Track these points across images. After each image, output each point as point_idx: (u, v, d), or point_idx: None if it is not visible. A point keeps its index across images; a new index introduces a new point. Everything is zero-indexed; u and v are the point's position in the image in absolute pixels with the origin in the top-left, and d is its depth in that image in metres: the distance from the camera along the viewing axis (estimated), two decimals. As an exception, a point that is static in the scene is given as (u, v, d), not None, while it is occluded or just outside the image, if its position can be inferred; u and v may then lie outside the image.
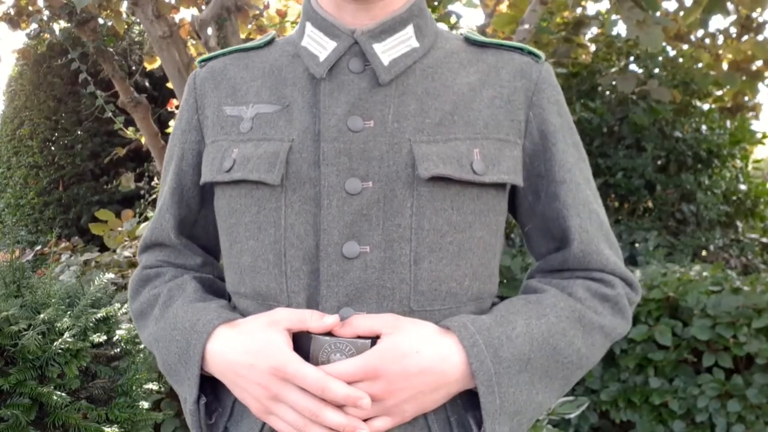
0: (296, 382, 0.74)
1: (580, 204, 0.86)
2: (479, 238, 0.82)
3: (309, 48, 0.85)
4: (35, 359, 1.66)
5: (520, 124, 0.85)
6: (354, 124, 0.80)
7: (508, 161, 0.82)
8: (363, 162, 0.79)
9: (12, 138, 6.35)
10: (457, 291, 0.81)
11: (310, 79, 0.84)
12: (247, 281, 0.83)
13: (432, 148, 0.79)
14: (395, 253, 0.79)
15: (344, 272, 0.78)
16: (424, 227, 0.79)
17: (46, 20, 3.70)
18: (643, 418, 2.71)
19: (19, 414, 1.57)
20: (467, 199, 0.80)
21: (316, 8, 0.87)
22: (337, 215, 0.79)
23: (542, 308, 0.81)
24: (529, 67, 0.87)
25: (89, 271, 3.00)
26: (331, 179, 0.79)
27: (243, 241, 0.83)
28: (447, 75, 0.85)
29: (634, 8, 2.94)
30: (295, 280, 0.80)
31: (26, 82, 6.22)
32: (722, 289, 2.79)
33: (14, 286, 1.85)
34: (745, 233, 4.92)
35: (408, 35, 0.84)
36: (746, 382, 2.63)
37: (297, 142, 0.81)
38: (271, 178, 0.79)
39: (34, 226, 6.08)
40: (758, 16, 4.25)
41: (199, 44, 3.35)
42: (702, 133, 4.60)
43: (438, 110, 0.82)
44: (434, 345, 0.75)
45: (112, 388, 1.81)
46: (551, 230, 0.88)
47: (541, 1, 3.06)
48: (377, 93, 0.81)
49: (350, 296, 0.79)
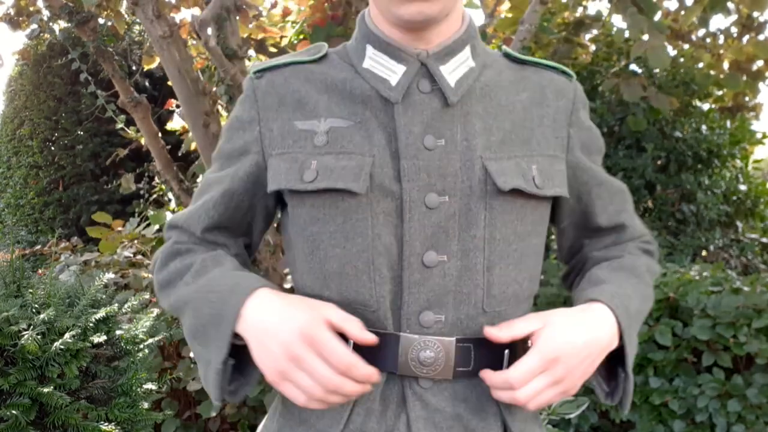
0: (324, 350, 0.77)
1: (615, 194, 1.01)
2: (535, 245, 0.92)
3: (374, 71, 0.90)
4: (35, 359, 1.66)
5: (563, 141, 0.94)
6: (429, 143, 0.86)
7: (559, 176, 0.92)
8: (440, 178, 0.86)
9: (12, 138, 6.34)
10: (519, 292, 0.90)
11: (381, 99, 0.89)
12: (333, 286, 0.88)
13: (501, 164, 0.87)
14: (470, 262, 0.86)
15: (425, 279, 0.85)
16: (495, 237, 0.87)
17: (46, 20, 3.70)
18: (643, 418, 2.71)
19: (18, 414, 1.57)
20: (528, 211, 0.89)
21: (376, 32, 0.91)
22: (418, 228, 0.85)
23: (627, 270, 0.96)
24: (567, 87, 0.97)
25: (89, 271, 3.00)
26: (413, 194, 0.85)
27: (328, 248, 0.87)
28: (501, 94, 0.92)
29: (636, 13, 2.94)
30: (382, 286, 0.86)
31: (26, 82, 6.22)
32: (722, 289, 2.79)
33: (14, 286, 1.85)
34: (745, 233, 4.92)
35: (466, 56, 0.91)
36: (746, 382, 2.63)
37: (378, 157, 0.86)
38: (358, 186, 0.84)
39: (34, 226, 6.08)
40: (759, 15, 4.24)
41: (199, 44, 3.35)
42: (702, 133, 4.60)
43: (500, 129, 0.89)
44: (586, 320, 0.85)
45: (112, 388, 1.81)
46: (587, 223, 1.01)
47: (541, 1, 3.06)
48: (446, 113, 0.88)
49: (430, 301, 0.86)
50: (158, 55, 2.95)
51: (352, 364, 0.78)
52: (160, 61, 3.12)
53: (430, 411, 0.86)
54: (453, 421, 0.87)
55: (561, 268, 3.46)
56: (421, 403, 0.86)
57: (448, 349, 0.85)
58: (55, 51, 5.87)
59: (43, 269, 3.31)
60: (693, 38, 4.62)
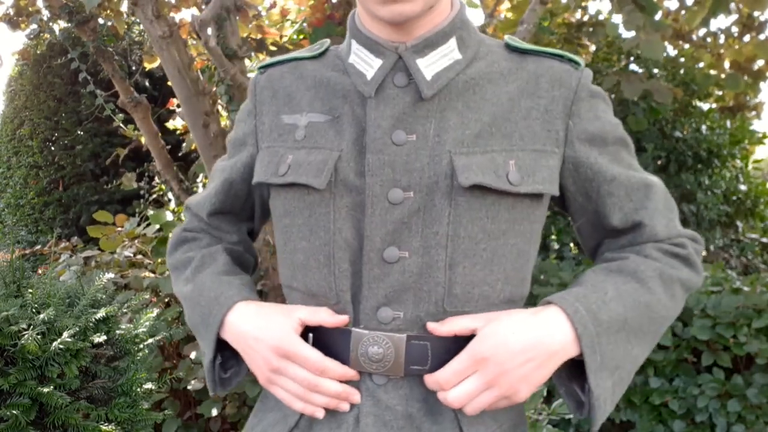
0: (296, 360, 0.85)
1: (635, 191, 0.91)
2: (513, 245, 0.87)
3: (356, 65, 0.90)
4: (35, 359, 1.66)
5: (558, 134, 0.88)
6: (398, 138, 0.85)
7: (543, 171, 0.86)
8: (405, 173, 0.84)
9: (12, 138, 6.34)
10: (489, 294, 0.86)
11: (359, 93, 0.89)
12: (300, 278, 0.91)
13: (471, 159, 0.84)
14: (432, 259, 0.84)
15: (384, 275, 0.85)
16: (459, 235, 0.84)
17: (46, 20, 3.70)
18: (643, 418, 2.71)
19: (18, 414, 1.57)
20: (502, 209, 0.85)
21: (360, 27, 0.91)
22: (379, 223, 0.85)
23: (625, 272, 0.87)
24: (569, 75, 0.89)
25: (89, 270, 3.00)
26: (375, 189, 0.85)
27: (296, 240, 0.90)
28: (487, 87, 0.88)
29: (634, 11, 2.93)
30: (342, 279, 0.86)
31: (26, 82, 6.22)
32: (722, 289, 2.79)
33: (14, 286, 1.85)
34: (745, 233, 4.92)
35: (451, 48, 0.88)
36: (746, 382, 2.63)
37: (345, 152, 0.87)
38: (318, 182, 0.85)
39: (34, 226, 6.08)
40: (759, 15, 4.24)
41: (199, 44, 3.34)
42: (702, 133, 4.60)
43: (477, 122, 0.86)
44: (532, 322, 0.81)
45: (112, 388, 1.81)
46: (603, 223, 0.93)
47: (541, 1, 3.06)
48: (420, 108, 0.86)
49: (389, 297, 0.85)
50: (158, 55, 2.95)
51: (326, 367, 0.84)
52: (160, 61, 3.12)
53: (380, 408, 0.85)
54: (404, 421, 0.85)
55: (561, 268, 3.45)
56: (373, 399, 0.86)
57: (398, 345, 0.84)
58: (55, 51, 5.86)
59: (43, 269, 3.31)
60: (693, 38, 4.62)
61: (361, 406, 0.86)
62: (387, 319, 0.85)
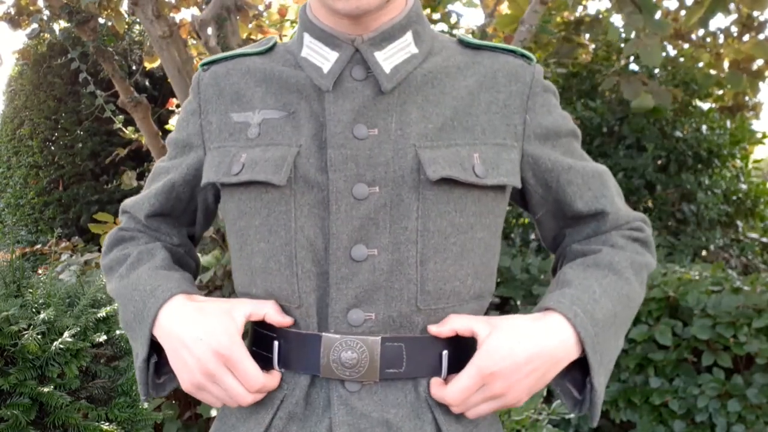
0: (235, 370, 0.80)
1: (590, 179, 0.92)
2: (480, 239, 0.86)
3: (310, 59, 0.87)
4: (35, 359, 1.65)
5: (517, 128, 0.88)
6: (359, 132, 0.82)
7: (506, 164, 0.86)
8: (369, 168, 0.82)
9: (12, 138, 6.34)
10: (460, 290, 0.85)
11: (315, 88, 0.86)
12: (259, 282, 0.86)
13: (436, 153, 0.82)
14: (402, 255, 0.82)
15: (353, 274, 0.81)
16: (429, 229, 0.82)
17: (46, 20, 3.70)
18: (643, 418, 2.71)
19: (19, 414, 1.57)
20: (469, 202, 0.84)
21: (313, 19, 0.88)
22: (345, 219, 0.81)
23: (602, 266, 0.88)
24: (523, 70, 0.90)
25: (89, 271, 3.00)
26: (339, 185, 0.82)
27: (254, 243, 0.86)
28: (446, 81, 0.87)
29: (634, 12, 2.93)
30: (306, 281, 0.83)
31: (26, 82, 6.21)
32: (722, 289, 2.79)
33: (14, 286, 1.85)
34: (745, 233, 4.92)
35: (407, 42, 0.86)
36: (746, 382, 2.63)
37: (304, 147, 0.83)
38: (278, 178, 0.81)
39: (34, 226, 6.07)
40: (759, 14, 4.24)
41: (199, 44, 3.35)
42: (702, 133, 4.60)
43: (439, 116, 0.85)
44: (535, 330, 0.80)
45: (112, 388, 1.81)
46: (564, 212, 0.94)
47: (541, 1, 3.06)
48: (380, 101, 0.84)
49: (359, 297, 0.82)
50: (158, 54, 2.95)
51: (264, 385, 0.81)
52: (160, 60, 3.12)
53: (355, 416, 0.81)
54: (381, 428, 0.81)
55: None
56: (346, 407, 0.81)
57: (372, 349, 0.80)
58: (55, 51, 5.86)
59: (43, 269, 3.31)
60: (693, 38, 4.62)
61: (334, 415, 0.81)
62: (358, 321, 0.81)
